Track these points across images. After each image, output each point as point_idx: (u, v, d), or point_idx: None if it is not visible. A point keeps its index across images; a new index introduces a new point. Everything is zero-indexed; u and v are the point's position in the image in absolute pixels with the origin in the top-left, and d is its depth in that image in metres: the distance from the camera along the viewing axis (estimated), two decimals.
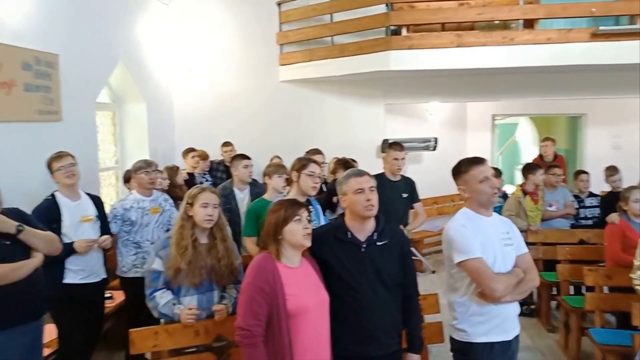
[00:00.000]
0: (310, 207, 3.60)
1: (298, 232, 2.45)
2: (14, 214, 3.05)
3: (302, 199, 3.51)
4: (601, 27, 5.96)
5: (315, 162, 3.70)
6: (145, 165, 4.31)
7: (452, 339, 2.82)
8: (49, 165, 3.79)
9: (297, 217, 2.47)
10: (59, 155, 3.79)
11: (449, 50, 6.27)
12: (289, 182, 3.77)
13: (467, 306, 2.71)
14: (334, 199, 3.73)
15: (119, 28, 6.07)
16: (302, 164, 3.63)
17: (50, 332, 3.72)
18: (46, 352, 3.61)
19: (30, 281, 2.97)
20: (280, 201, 2.67)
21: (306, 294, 2.43)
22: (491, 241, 2.67)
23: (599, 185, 6.19)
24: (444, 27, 6.89)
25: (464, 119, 9.40)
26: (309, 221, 2.53)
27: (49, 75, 4.59)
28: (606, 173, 5.82)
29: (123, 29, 6.16)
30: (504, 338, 2.71)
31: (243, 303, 2.40)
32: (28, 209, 3.63)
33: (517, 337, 2.78)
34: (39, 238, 3.06)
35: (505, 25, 6.92)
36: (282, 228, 2.46)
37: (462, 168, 2.77)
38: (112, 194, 6.36)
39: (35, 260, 3.02)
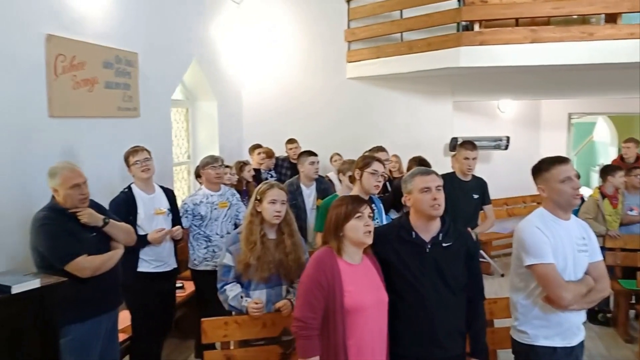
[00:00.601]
0: (373, 205, 3.61)
1: (359, 229, 2.44)
2: (94, 207, 3.24)
3: (365, 197, 3.50)
4: None
5: (378, 160, 3.66)
6: (212, 161, 4.42)
7: (513, 340, 2.74)
8: (126, 159, 3.98)
9: (358, 214, 2.46)
10: (135, 150, 3.96)
11: (523, 46, 6.04)
12: (352, 180, 3.76)
13: (529, 309, 2.63)
14: (403, 200, 3.67)
15: (194, 27, 6.28)
16: (365, 162, 3.60)
17: (124, 318, 3.92)
18: (121, 337, 3.80)
19: (113, 272, 3.17)
20: (342, 197, 2.67)
21: (365, 291, 2.43)
22: (564, 246, 2.56)
23: None
24: (517, 22, 6.65)
25: (538, 118, 9.03)
26: (372, 218, 2.52)
27: (128, 73, 4.81)
28: None
29: (197, 28, 6.37)
30: (567, 344, 2.61)
31: (301, 295, 2.44)
32: (108, 200, 3.85)
33: (581, 342, 2.67)
34: (120, 230, 3.24)
35: (584, 19, 6.59)
36: (343, 225, 2.46)
37: (543, 166, 2.67)
38: (184, 188, 6.61)
39: (120, 251, 3.21)
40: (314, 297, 2.38)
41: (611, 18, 6.03)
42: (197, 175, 5.15)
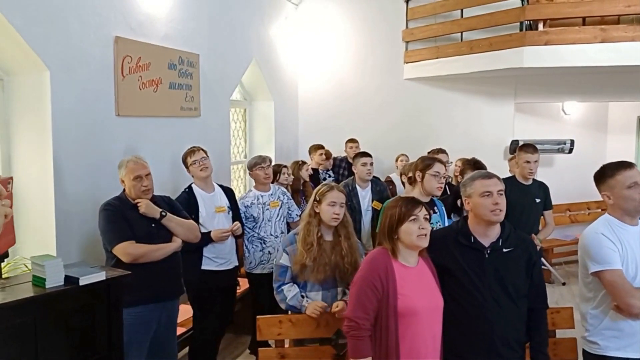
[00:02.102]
0: (435, 207, 3.55)
1: (413, 232, 2.39)
2: (165, 201, 3.41)
3: (426, 200, 3.43)
4: None
5: (440, 161, 3.59)
6: (260, 161, 4.42)
7: (584, 352, 2.64)
8: (184, 161, 4.09)
9: (413, 217, 2.41)
10: (192, 150, 4.06)
11: (591, 46, 5.79)
12: (410, 181, 3.70)
13: (599, 319, 2.54)
14: (458, 202, 3.59)
15: (253, 29, 6.38)
16: (426, 163, 3.54)
17: (185, 312, 4.02)
18: (180, 330, 3.91)
19: (171, 263, 3.28)
20: (397, 198, 2.63)
21: (419, 295, 2.38)
22: (633, 252, 2.46)
23: None
24: (585, 21, 6.38)
25: (605, 120, 8.63)
26: (428, 220, 2.46)
27: (190, 74, 4.94)
28: None
29: (256, 30, 6.47)
30: None
31: (354, 295, 2.42)
32: (169, 195, 3.97)
33: None
34: (179, 225, 3.34)
35: None
36: (398, 227, 2.42)
37: (608, 172, 2.58)
38: (240, 187, 6.72)
39: (174, 245, 3.29)
40: (367, 298, 2.36)
41: None
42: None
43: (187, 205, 3.87)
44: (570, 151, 7.63)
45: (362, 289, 2.38)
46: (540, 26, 6.16)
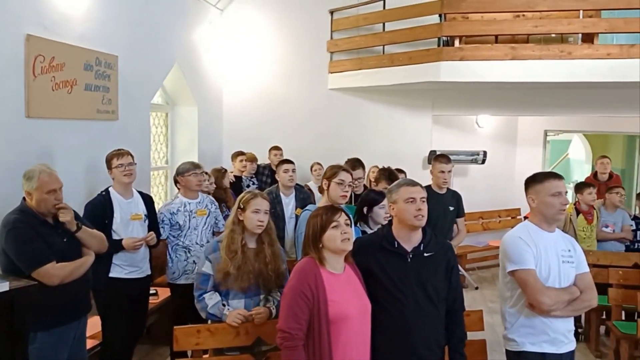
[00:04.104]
0: None
1: (337, 237, 2.45)
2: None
3: None
4: None
5: (346, 170, 3.66)
6: (193, 167, 4.31)
7: (505, 350, 2.83)
8: (108, 162, 3.87)
9: (334, 224, 2.46)
10: (120, 153, 3.86)
11: (502, 63, 6.16)
12: (320, 190, 3.76)
13: (516, 317, 2.75)
14: (364, 210, 3.68)
15: (176, 32, 6.24)
16: (332, 172, 3.61)
17: (94, 324, 3.84)
18: (91, 343, 3.73)
19: (82, 279, 3.09)
20: (318, 208, 2.69)
21: (348, 300, 2.43)
22: (548, 256, 2.68)
23: None
24: (497, 39, 6.78)
25: (515, 133, 9.19)
26: (349, 225, 2.52)
27: (108, 75, 4.75)
28: None
29: (180, 33, 6.34)
30: (556, 350, 2.68)
31: (285, 306, 2.42)
32: (83, 202, 3.79)
33: (571, 352, 2.75)
34: (92, 236, 3.19)
35: (562, 38, 6.74)
36: (321, 236, 2.47)
37: (538, 178, 2.79)
38: (161, 193, 6.53)
39: (91, 258, 3.14)
40: (298, 308, 2.36)
41: (588, 38, 6.19)
42: (176, 182, 5.10)
43: (101, 209, 3.71)
44: (483, 162, 8.03)
45: (293, 299, 2.39)
46: (457, 42, 6.47)
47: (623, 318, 4.93)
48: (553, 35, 6.61)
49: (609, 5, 6.17)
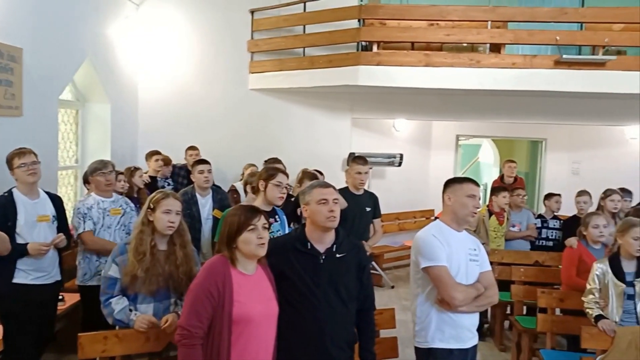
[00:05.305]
0: (276, 216, 3.63)
1: (252, 241, 2.41)
2: None
3: (268, 209, 3.52)
4: (564, 56, 6.17)
5: (283, 172, 3.70)
6: (101, 166, 4.12)
7: (415, 348, 2.91)
8: (9, 162, 3.64)
9: (251, 227, 2.43)
10: (22, 152, 3.64)
11: (417, 69, 6.39)
12: (254, 190, 3.74)
13: (426, 313, 2.84)
14: (298, 211, 3.73)
15: (88, 26, 5.96)
16: (269, 173, 3.62)
17: None
18: None
19: None
20: (236, 207, 2.65)
21: (254, 303, 2.41)
22: (457, 254, 2.81)
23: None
24: (413, 46, 7.02)
25: (429, 138, 9.55)
26: (267, 229, 2.50)
27: (11, 69, 4.48)
28: (577, 196, 5.87)
29: (92, 27, 6.06)
30: (462, 346, 2.81)
31: (188, 303, 2.38)
32: None
33: (475, 347, 2.89)
34: None
35: (473, 47, 7.09)
36: (237, 237, 2.42)
37: (458, 180, 2.97)
38: (70, 194, 6.21)
39: None
40: (202, 306, 2.33)
41: (496, 48, 6.55)
42: (86, 182, 4.87)
43: (3, 211, 3.49)
44: (400, 164, 8.25)
45: (197, 296, 2.35)
46: (375, 48, 6.64)
47: (524, 313, 5.24)
48: (464, 44, 6.94)
49: (515, 17, 6.58)
